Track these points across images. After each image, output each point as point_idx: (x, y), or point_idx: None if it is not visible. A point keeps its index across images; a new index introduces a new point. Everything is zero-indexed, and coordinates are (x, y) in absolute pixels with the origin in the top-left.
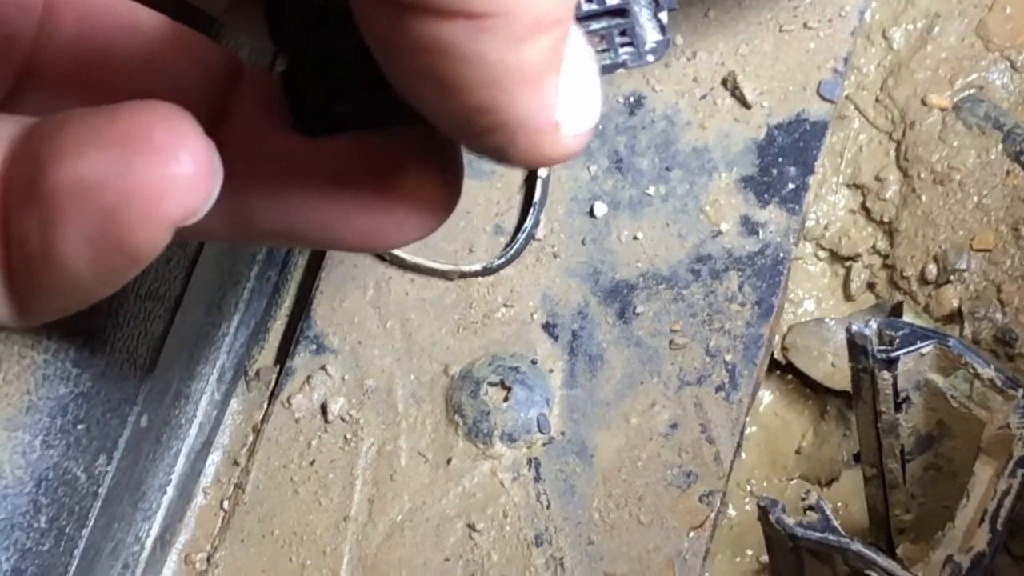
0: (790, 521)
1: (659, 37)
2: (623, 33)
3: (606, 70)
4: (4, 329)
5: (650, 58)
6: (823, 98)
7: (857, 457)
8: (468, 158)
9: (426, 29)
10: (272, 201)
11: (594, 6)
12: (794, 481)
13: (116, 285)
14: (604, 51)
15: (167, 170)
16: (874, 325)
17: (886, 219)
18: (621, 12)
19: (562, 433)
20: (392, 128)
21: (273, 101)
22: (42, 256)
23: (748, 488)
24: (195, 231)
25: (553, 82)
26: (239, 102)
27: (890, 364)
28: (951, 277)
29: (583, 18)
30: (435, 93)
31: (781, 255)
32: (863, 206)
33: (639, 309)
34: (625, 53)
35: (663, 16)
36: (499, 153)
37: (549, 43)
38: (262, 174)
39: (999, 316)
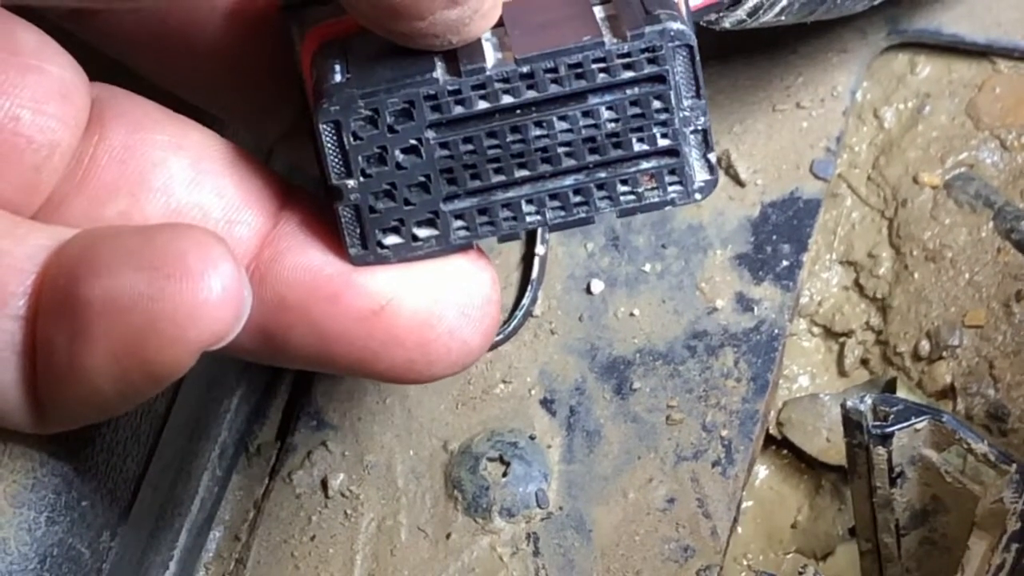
0: None
1: (708, 176)
2: (672, 172)
3: (654, 207)
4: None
5: (698, 196)
6: (816, 176)
7: (852, 531)
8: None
9: None
10: (309, 328)
11: (645, 146)
12: (790, 555)
13: (135, 403)
14: (653, 189)
15: (198, 296)
16: (869, 401)
17: (879, 296)
18: (671, 152)
19: (560, 508)
20: (436, 262)
21: (318, 226)
22: (67, 368)
23: (745, 562)
24: (226, 349)
25: None
26: (285, 224)
27: (885, 440)
28: (944, 353)
29: (634, 157)
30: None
31: (776, 331)
32: (856, 283)
33: (636, 385)
34: (674, 192)
35: (712, 156)
36: None
37: None
38: (301, 300)
39: (991, 392)
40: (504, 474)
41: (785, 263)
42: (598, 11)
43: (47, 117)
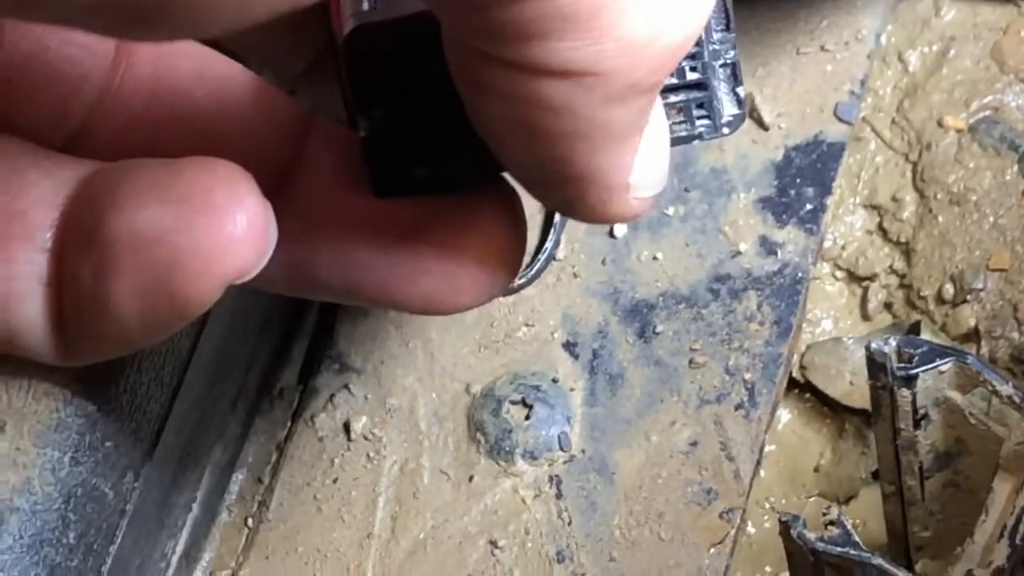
0: (811, 536)
1: (736, 111)
2: (700, 106)
3: (682, 141)
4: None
5: (725, 131)
6: (840, 120)
7: (875, 475)
8: None
9: (524, 81)
10: (336, 258)
11: (673, 79)
12: (812, 499)
13: (161, 336)
14: (681, 123)
15: (224, 231)
16: (893, 343)
17: (903, 240)
18: (700, 85)
19: (583, 451)
20: (463, 193)
21: (343, 156)
22: (92, 302)
23: (767, 505)
24: (253, 281)
25: (634, 144)
26: (309, 155)
27: (909, 381)
28: (968, 297)
29: (662, 90)
30: (519, 140)
31: (799, 275)
32: (880, 227)
33: (659, 328)
34: (702, 126)
35: (741, 91)
36: (567, 206)
37: (639, 107)
38: (328, 229)
39: (1016, 335)
40: (527, 417)
41: (809, 207)
42: None
43: (76, 48)
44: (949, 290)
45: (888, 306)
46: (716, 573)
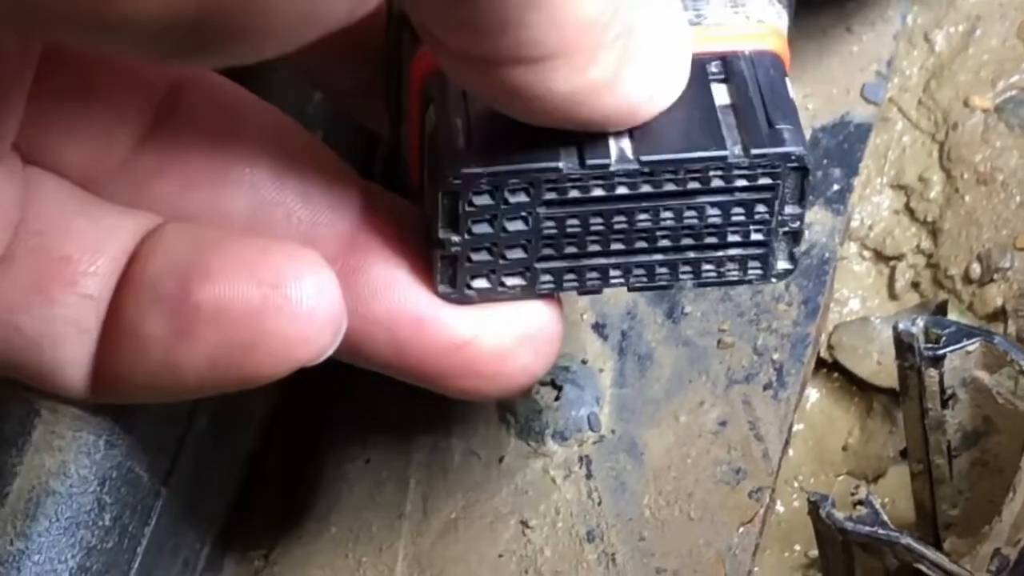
0: (840, 516)
1: (788, 266)
2: (756, 259)
3: (731, 284)
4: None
5: (774, 280)
6: (867, 100)
7: (904, 453)
8: None
9: (500, 75)
10: (390, 344)
11: (737, 237)
12: (841, 477)
13: (209, 394)
14: (735, 269)
15: (308, 320)
16: (921, 323)
17: (930, 219)
18: (761, 244)
19: (612, 431)
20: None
21: (398, 236)
22: (159, 360)
23: (796, 484)
24: None
25: (629, 78)
26: (365, 232)
27: (937, 361)
28: (995, 276)
29: (727, 245)
30: (532, 116)
31: (827, 255)
32: (907, 206)
33: (687, 309)
34: (753, 274)
35: (797, 251)
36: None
37: (614, 57)
38: (387, 315)
39: None
40: (556, 398)
41: (836, 187)
42: (722, 114)
43: (126, 86)
44: (976, 269)
45: (915, 285)
46: (745, 552)
